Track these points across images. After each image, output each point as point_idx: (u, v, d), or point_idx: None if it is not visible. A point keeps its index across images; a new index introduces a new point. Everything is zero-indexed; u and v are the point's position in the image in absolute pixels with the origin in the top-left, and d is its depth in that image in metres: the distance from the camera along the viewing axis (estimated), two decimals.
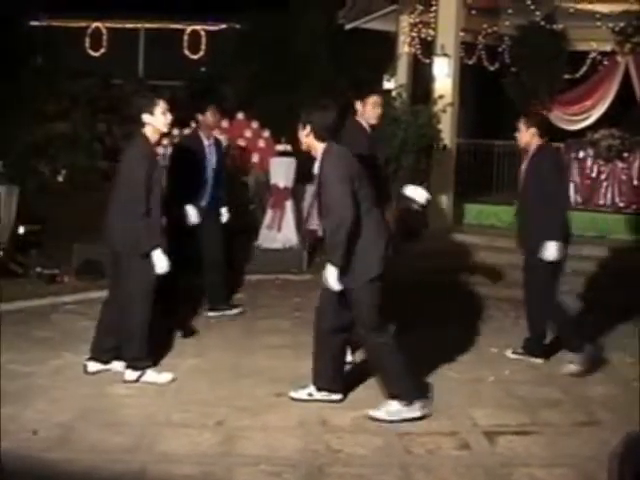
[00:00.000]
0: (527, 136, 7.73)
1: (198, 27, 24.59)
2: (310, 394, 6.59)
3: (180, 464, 5.41)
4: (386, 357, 6.31)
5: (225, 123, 12.75)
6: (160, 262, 6.86)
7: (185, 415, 6.29)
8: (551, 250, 7.46)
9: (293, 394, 6.64)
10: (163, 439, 5.81)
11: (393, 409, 6.24)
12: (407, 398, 6.25)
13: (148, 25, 24.87)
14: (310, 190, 12.76)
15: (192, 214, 8.92)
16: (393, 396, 6.28)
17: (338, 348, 6.57)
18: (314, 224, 12.65)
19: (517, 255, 8.23)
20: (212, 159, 9.21)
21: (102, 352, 7.18)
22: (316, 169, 6.31)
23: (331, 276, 6.14)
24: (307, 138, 6.32)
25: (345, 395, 6.65)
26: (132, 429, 5.96)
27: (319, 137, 6.26)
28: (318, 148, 6.28)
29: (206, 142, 9.20)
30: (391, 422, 6.17)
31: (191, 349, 8.04)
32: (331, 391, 6.58)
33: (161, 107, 6.93)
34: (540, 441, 6.00)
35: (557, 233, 7.48)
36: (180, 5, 22.33)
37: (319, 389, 6.58)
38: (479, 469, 5.50)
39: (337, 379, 6.61)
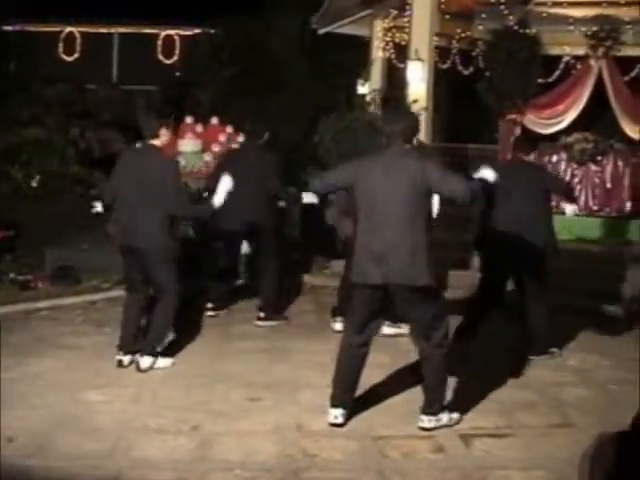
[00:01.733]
0: None
1: (172, 32, 24.52)
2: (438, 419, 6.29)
3: (156, 470, 5.39)
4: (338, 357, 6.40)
5: (199, 128, 12.72)
6: None
7: (160, 420, 6.27)
8: None
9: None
10: (139, 445, 5.79)
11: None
12: (330, 401, 6.31)
13: (122, 30, 24.78)
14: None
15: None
16: None
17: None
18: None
19: None
20: None
21: None
22: None
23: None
24: None
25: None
26: (108, 435, 5.94)
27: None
28: None
29: None
30: None
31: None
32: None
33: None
34: (516, 444, 6.02)
35: None
36: (154, 10, 22.25)
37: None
38: (455, 472, 5.51)
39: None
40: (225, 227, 9.25)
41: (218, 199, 7.68)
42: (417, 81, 12.87)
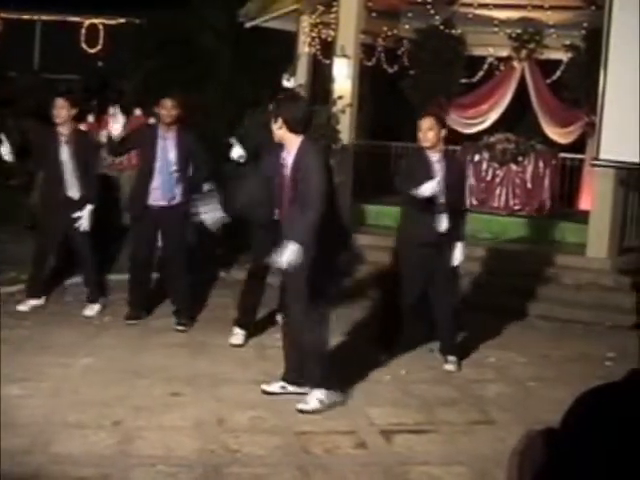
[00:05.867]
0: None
1: (96, 21, 24.19)
2: (283, 387, 6.78)
3: (76, 465, 5.33)
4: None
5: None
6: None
7: (81, 415, 6.19)
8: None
9: (266, 387, 6.81)
10: (59, 440, 5.72)
11: (323, 397, 6.49)
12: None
13: (45, 17, 24.37)
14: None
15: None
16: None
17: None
18: None
19: None
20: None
21: None
22: (290, 161, 6.41)
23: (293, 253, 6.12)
24: (280, 131, 6.44)
25: None
26: (27, 430, 5.84)
27: (293, 130, 6.40)
28: (293, 141, 6.42)
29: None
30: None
31: (84, 348, 7.89)
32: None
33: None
34: (437, 439, 6.09)
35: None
36: None
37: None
38: (376, 468, 5.56)
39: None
40: None
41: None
42: (343, 78, 12.90)
